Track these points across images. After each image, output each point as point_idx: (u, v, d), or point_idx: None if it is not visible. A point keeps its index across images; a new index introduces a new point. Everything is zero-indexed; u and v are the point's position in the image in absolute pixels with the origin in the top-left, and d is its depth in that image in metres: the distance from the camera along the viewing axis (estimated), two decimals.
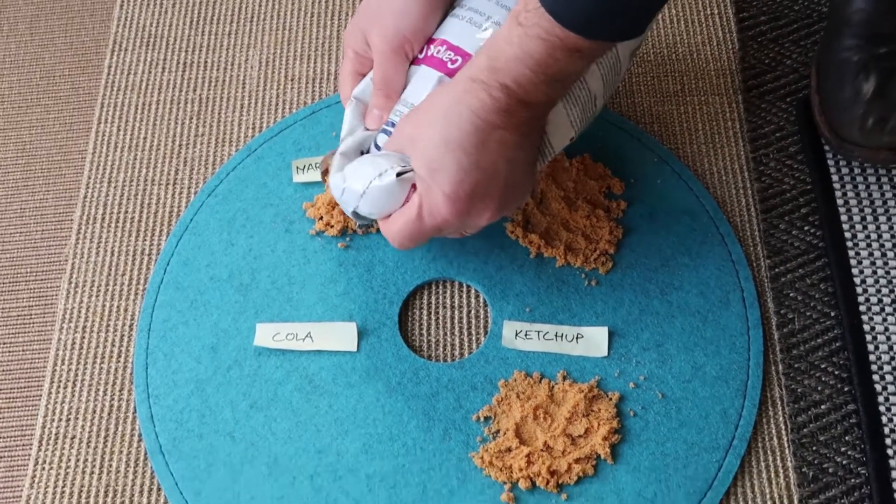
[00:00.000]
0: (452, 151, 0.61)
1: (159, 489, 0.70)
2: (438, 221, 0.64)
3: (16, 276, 0.80)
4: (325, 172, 0.74)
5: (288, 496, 0.68)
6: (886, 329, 0.73)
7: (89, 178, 0.83)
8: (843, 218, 0.78)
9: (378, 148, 0.68)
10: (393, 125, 0.68)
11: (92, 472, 0.71)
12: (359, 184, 0.66)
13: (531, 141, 0.65)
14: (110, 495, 0.70)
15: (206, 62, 0.89)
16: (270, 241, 0.78)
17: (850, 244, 0.76)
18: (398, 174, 0.64)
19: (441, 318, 0.76)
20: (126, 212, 0.82)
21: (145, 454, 0.71)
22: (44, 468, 0.71)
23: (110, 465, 0.71)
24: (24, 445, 0.74)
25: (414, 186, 0.65)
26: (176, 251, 0.79)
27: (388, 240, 0.68)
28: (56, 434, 0.73)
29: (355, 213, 0.69)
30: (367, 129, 0.70)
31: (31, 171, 0.85)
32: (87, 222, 0.81)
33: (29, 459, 0.72)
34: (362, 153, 0.70)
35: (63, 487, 0.71)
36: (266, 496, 0.68)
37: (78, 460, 0.72)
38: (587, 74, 0.67)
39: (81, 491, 0.70)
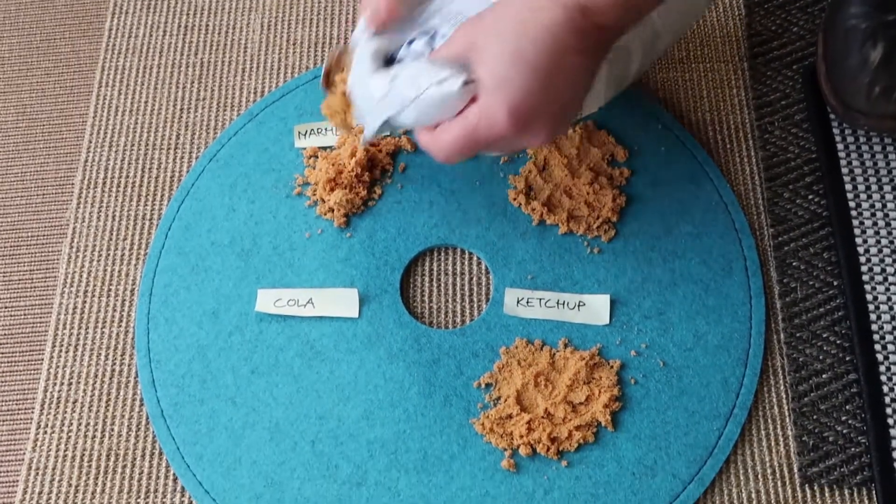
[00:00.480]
0: (523, 67, 0.59)
1: (161, 453, 0.70)
2: (493, 135, 0.61)
3: (17, 240, 0.80)
4: (328, 74, 0.68)
5: (289, 461, 0.69)
6: (889, 299, 0.73)
7: (90, 142, 0.83)
8: (848, 187, 0.77)
9: (412, 54, 0.65)
10: (438, 36, 0.65)
11: (94, 436, 0.71)
12: (411, 89, 0.62)
13: (594, 68, 0.63)
14: (112, 459, 0.71)
15: (207, 25, 0.89)
16: (272, 207, 0.78)
17: (854, 213, 0.76)
18: (464, 82, 0.60)
19: (443, 285, 0.76)
20: (127, 176, 0.81)
21: (147, 418, 0.72)
22: (46, 432, 0.72)
23: (112, 430, 0.71)
24: (26, 409, 0.74)
25: (473, 99, 0.62)
26: (177, 216, 0.78)
27: (432, 151, 0.65)
28: (58, 398, 0.73)
29: (386, 123, 0.64)
30: (369, 27, 0.66)
31: (32, 135, 0.85)
32: (88, 186, 0.81)
33: (31, 423, 0.72)
34: (388, 59, 0.66)
35: (65, 451, 0.71)
36: (267, 461, 0.69)
37: (80, 424, 0.72)
38: (630, 42, 0.66)
39: (84, 454, 0.71)
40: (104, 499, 0.69)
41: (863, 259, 0.74)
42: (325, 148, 0.79)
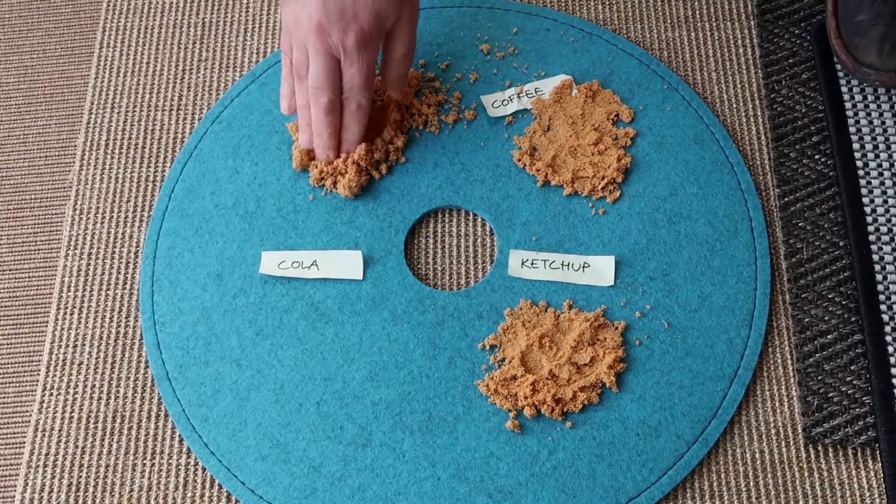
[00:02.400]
0: None
1: (167, 415, 0.71)
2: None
3: (20, 202, 0.80)
4: None
5: (294, 422, 0.69)
6: (895, 259, 0.73)
7: (92, 103, 0.83)
8: (856, 146, 0.76)
9: None
10: None
11: (100, 398, 0.72)
12: None
13: None
14: (118, 420, 0.71)
15: None
16: (275, 169, 0.78)
17: (861, 173, 0.75)
18: None
19: (447, 246, 0.76)
20: (130, 138, 0.81)
21: (152, 380, 0.72)
22: (52, 394, 0.72)
23: (118, 392, 0.72)
24: (32, 371, 0.74)
25: None
26: (180, 178, 0.78)
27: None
28: (63, 360, 0.73)
29: None
30: None
31: (34, 97, 0.85)
32: (90, 148, 0.81)
33: (37, 385, 0.73)
34: None
35: (71, 413, 0.71)
36: (272, 422, 0.69)
37: (85, 386, 0.72)
38: None
39: (90, 416, 0.71)
40: (110, 460, 0.70)
41: (869, 219, 0.74)
42: None
